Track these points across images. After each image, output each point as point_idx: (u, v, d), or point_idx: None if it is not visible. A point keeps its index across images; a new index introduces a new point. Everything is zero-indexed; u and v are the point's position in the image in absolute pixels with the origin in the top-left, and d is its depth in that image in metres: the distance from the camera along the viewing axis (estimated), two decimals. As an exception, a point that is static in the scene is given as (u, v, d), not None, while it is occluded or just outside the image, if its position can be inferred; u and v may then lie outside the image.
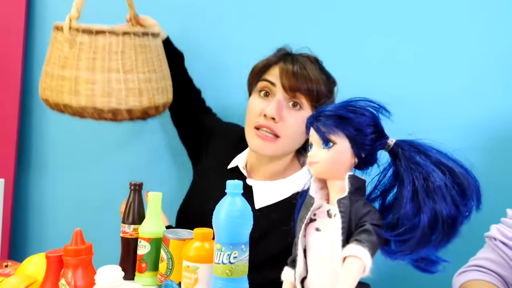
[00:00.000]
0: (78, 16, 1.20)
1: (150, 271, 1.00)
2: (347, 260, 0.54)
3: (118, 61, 1.20)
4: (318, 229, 0.59)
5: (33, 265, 1.04)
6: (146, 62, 1.25)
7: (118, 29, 1.22)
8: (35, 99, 1.74)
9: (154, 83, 1.26)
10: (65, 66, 1.20)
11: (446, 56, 1.34)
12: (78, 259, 0.86)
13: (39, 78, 1.30)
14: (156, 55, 1.29)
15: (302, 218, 0.61)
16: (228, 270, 0.84)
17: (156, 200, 1.02)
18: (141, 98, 1.23)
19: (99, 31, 1.19)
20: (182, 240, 0.95)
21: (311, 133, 0.63)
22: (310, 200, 0.62)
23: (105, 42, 1.19)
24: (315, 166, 0.62)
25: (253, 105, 1.22)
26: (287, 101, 1.18)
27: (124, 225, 1.04)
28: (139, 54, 1.23)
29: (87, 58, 1.18)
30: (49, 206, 1.76)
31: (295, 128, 1.18)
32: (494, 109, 1.30)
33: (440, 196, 0.57)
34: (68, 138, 1.73)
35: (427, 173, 0.58)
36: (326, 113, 0.61)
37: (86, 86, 1.18)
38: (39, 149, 1.76)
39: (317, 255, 0.58)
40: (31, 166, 1.77)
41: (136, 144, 1.66)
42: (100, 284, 0.82)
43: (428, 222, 0.56)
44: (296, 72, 1.17)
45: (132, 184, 1.06)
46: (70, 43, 1.19)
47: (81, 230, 0.89)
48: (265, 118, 1.18)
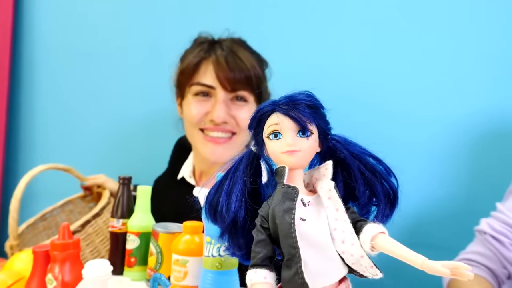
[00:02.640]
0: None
1: (139, 266, 0.98)
2: (383, 236, 0.55)
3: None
4: (303, 219, 0.57)
5: (21, 261, 1.03)
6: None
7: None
8: (23, 93, 1.72)
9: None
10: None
11: (428, 53, 1.35)
12: (66, 254, 0.84)
13: (28, 71, 1.28)
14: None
15: (288, 210, 0.56)
16: (218, 263, 0.83)
17: (145, 194, 1.01)
18: None
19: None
20: (172, 234, 0.94)
21: (279, 120, 0.59)
22: (293, 191, 0.58)
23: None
24: (298, 154, 0.59)
25: (193, 110, 1.18)
26: (230, 99, 1.16)
27: (112, 220, 1.02)
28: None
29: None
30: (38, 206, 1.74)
31: (246, 121, 1.15)
32: (480, 105, 1.31)
33: (379, 172, 0.61)
34: (58, 133, 1.71)
35: (365, 160, 0.61)
36: (302, 101, 0.59)
37: None
38: (28, 145, 1.74)
39: (313, 244, 0.56)
40: (20, 163, 1.75)
41: (128, 140, 1.65)
42: (87, 279, 0.81)
43: (383, 197, 0.61)
44: (232, 66, 1.13)
45: (121, 178, 1.05)
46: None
47: (69, 224, 0.88)
48: (212, 122, 1.15)
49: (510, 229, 1.09)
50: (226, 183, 0.62)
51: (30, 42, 1.73)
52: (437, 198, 1.35)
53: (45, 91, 1.73)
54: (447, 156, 1.34)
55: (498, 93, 1.30)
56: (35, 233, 1.33)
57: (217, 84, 1.14)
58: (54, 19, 1.72)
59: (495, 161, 1.31)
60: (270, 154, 0.61)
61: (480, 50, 1.31)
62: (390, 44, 1.38)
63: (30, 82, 1.74)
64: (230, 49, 1.16)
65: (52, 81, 1.73)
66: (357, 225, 0.58)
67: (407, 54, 1.36)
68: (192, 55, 1.19)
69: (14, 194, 1.16)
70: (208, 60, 1.17)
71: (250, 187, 0.62)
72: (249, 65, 1.15)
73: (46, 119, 1.73)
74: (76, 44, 1.70)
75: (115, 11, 1.65)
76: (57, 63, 1.72)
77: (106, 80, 1.67)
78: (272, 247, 0.57)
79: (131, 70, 1.64)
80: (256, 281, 0.55)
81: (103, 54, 1.67)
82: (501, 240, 1.09)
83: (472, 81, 1.31)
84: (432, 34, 1.34)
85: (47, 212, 1.36)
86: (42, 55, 1.73)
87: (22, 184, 1.18)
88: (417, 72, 1.36)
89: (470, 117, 1.31)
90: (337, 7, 1.42)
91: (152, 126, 1.62)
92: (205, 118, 1.17)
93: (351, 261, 0.57)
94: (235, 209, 0.60)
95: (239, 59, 1.15)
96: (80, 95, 1.70)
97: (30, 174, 1.20)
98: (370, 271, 0.57)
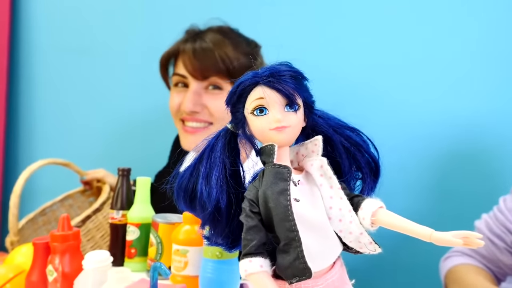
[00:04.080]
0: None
1: (140, 257, 0.98)
2: (384, 211, 0.54)
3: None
4: (297, 199, 0.53)
5: (21, 255, 1.03)
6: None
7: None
8: (22, 89, 1.72)
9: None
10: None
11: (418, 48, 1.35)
12: (66, 245, 0.84)
13: (26, 67, 1.28)
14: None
15: (283, 191, 0.51)
16: (218, 252, 0.83)
17: (144, 185, 1.01)
18: None
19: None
20: (172, 224, 0.94)
21: (264, 94, 0.53)
22: (286, 170, 0.53)
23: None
24: (287, 130, 0.54)
25: (172, 100, 1.20)
26: (204, 88, 1.16)
27: (112, 211, 1.02)
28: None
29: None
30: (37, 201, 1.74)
31: (220, 110, 1.13)
32: (476, 104, 1.31)
33: (362, 145, 0.59)
34: (57, 128, 1.71)
35: (346, 134, 0.59)
36: (286, 72, 0.54)
37: None
38: (27, 140, 1.74)
39: (309, 224, 0.53)
40: (19, 157, 1.75)
41: (127, 135, 1.65)
42: (88, 269, 0.81)
43: (368, 170, 0.59)
44: (199, 54, 1.13)
45: (120, 169, 1.05)
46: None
47: (68, 215, 0.88)
48: (184, 112, 1.16)
49: (507, 232, 1.07)
50: (202, 166, 0.56)
51: (28, 38, 1.73)
52: (439, 192, 1.35)
53: (44, 86, 1.73)
54: (446, 153, 1.34)
55: (498, 93, 1.30)
56: (35, 228, 1.33)
57: (187, 74, 1.16)
58: (52, 16, 1.72)
59: (493, 154, 1.31)
60: (255, 132, 0.55)
61: (480, 50, 1.31)
62: (389, 43, 1.37)
63: (29, 78, 1.74)
64: (204, 39, 1.16)
65: (50, 77, 1.73)
66: (353, 201, 0.55)
67: (406, 54, 1.36)
68: (169, 49, 1.23)
69: (14, 190, 1.16)
70: (183, 51, 1.18)
71: (231, 169, 0.56)
72: (218, 52, 1.13)
73: (45, 115, 1.73)
74: (75, 40, 1.70)
75: (114, 6, 1.64)
76: (55, 59, 1.72)
77: (105, 76, 1.67)
78: (264, 233, 0.53)
79: (130, 66, 1.64)
80: (252, 271, 0.51)
81: (102, 50, 1.67)
82: (497, 244, 1.09)
83: (472, 81, 1.31)
84: (431, 34, 1.34)
85: (46, 207, 1.36)
86: (40, 51, 1.73)
87: (22, 180, 1.17)
88: (416, 71, 1.36)
89: (469, 116, 1.32)
90: (336, 4, 1.42)
91: (151, 121, 1.62)
92: (180, 108, 1.19)
93: (349, 239, 0.54)
94: (216, 195, 0.54)
95: (208, 48, 1.14)
96: (79, 91, 1.70)
97: (29, 169, 1.20)
98: (369, 247, 0.54)
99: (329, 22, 1.42)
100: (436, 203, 1.35)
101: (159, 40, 1.41)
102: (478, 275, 1.08)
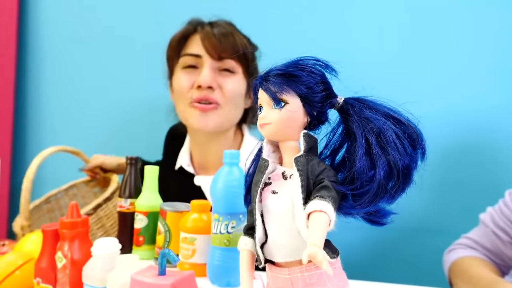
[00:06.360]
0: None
1: (148, 245, 0.99)
2: (313, 215, 0.53)
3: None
4: (275, 192, 0.58)
5: (31, 242, 1.04)
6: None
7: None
8: (30, 77, 1.72)
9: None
10: None
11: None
12: (75, 232, 0.85)
13: (34, 56, 1.29)
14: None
15: (257, 183, 0.59)
16: (226, 240, 0.84)
17: (152, 173, 1.01)
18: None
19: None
20: (179, 212, 0.94)
21: (260, 95, 0.60)
22: (264, 163, 0.59)
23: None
24: (268, 127, 0.59)
25: (181, 81, 1.18)
26: (218, 69, 1.16)
27: (120, 200, 1.03)
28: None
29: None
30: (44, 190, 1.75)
31: (233, 92, 1.16)
32: (483, 99, 1.31)
33: (393, 148, 0.57)
34: (64, 116, 1.71)
35: (378, 127, 0.57)
36: (274, 71, 0.58)
37: None
38: (35, 128, 1.75)
39: (276, 218, 0.57)
40: (28, 145, 1.75)
41: (133, 125, 1.65)
42: (96, 256, 0.82)
43: (384, 174, 0.56)
44: (218, 36, 1.14)
45: (128, 158, 1.05)
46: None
47: (77, 203, 0.88)
48: (199, 89, 1.15)
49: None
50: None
51: (36, 28, 1.73)
52: (445, 184, 1.35)
53: (52, 76, 1.74)
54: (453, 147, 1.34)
55: (497, 92, 1.30)
56: (40, 215, 1.34)
57: (203, 52, 1.15)
58: (59, 5, 1.72)
59: (497, 146, 1.32)
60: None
61: (479, 50, 1.31)
62: (389, 43, 1.38)
63: (37, 67, 1.74)
64: (218, 25, 1.18)
65: (58, 66, 1.73)
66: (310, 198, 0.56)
67: (406, 54, 1.37)
68: (181, 31, 1.22)
69: (26, 175, 1.17)
70: (195, 33, 1.19)
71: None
72: (237, 39, 1.16)
73: (53, 104, 1.73)
74: (82, 29, 1.70)
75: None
76: (63, 49, 1.72)
77: (112, 65, 1.67)
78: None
79: (136, 55, 1.64)
80: (239, 246, 0.63)
81: (109, 39, 1.67)
82: (502, 237, 1.08)
83: (472, 80, 1.32)
84: (431, 34, 1.35)
85: (51, 195, 1.37)
86: (48, 41, 1.73)
87: (34, 165, 1.19)
88: (416, 70, 1.36)
89: (476, 111, 1.32)
90: (336, 4, 1.43)
91: (158, 109, 1.61)
92: (193, 89, 1.17)
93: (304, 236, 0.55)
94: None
95: (226, 32, 1.16)
96: (87, 80, 1.70)
97: (41, 155, 1.21)
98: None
99: (329, 22, 1.43)
100: (442, 196, 1.35)
101: (166, 29, 1.41)
102: (482, 267, 1.08)
